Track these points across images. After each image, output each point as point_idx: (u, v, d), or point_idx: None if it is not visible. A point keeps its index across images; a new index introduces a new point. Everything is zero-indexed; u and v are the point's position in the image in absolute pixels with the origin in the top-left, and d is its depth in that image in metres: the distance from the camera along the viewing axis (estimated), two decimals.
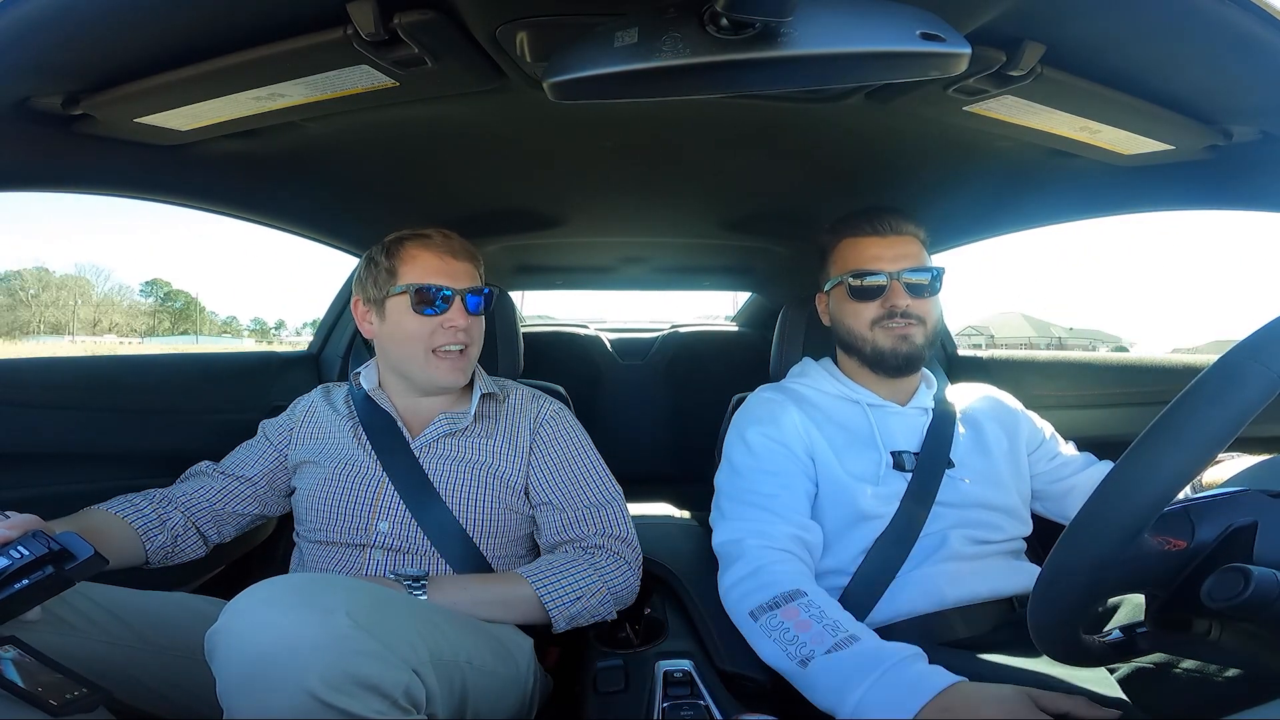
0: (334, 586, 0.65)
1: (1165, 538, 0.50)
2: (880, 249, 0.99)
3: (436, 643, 0.70)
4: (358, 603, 0.62)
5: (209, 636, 0.61)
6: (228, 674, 0.59)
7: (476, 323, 1.03)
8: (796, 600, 0.80)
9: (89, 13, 0.61)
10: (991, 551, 0.93)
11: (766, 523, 0.90)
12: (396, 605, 0.69)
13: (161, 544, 0.94)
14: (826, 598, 0.81)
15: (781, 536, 0.89)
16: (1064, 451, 1.06)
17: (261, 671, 0.57)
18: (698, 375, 2.30)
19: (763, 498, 0.93)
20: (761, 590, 0.83)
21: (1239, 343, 0.46)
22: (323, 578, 0.69)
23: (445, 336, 0.99)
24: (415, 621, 0.69)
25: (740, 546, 0.89)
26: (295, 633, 0.58)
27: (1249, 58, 0.66)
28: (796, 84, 0.56)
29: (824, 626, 0.76)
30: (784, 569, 0.85)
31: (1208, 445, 0.45)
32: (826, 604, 0.80)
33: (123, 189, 1.04)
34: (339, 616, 0.60)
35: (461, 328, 1.00)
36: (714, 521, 0.98)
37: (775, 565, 0.85)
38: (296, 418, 1.11)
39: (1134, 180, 1.02)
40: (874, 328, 0.99)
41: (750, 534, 0.90)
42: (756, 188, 1.29)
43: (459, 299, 1.00)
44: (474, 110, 0.87)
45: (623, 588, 0.97)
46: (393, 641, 0.63)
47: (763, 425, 0.99)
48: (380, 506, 0.98)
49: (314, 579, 0.67)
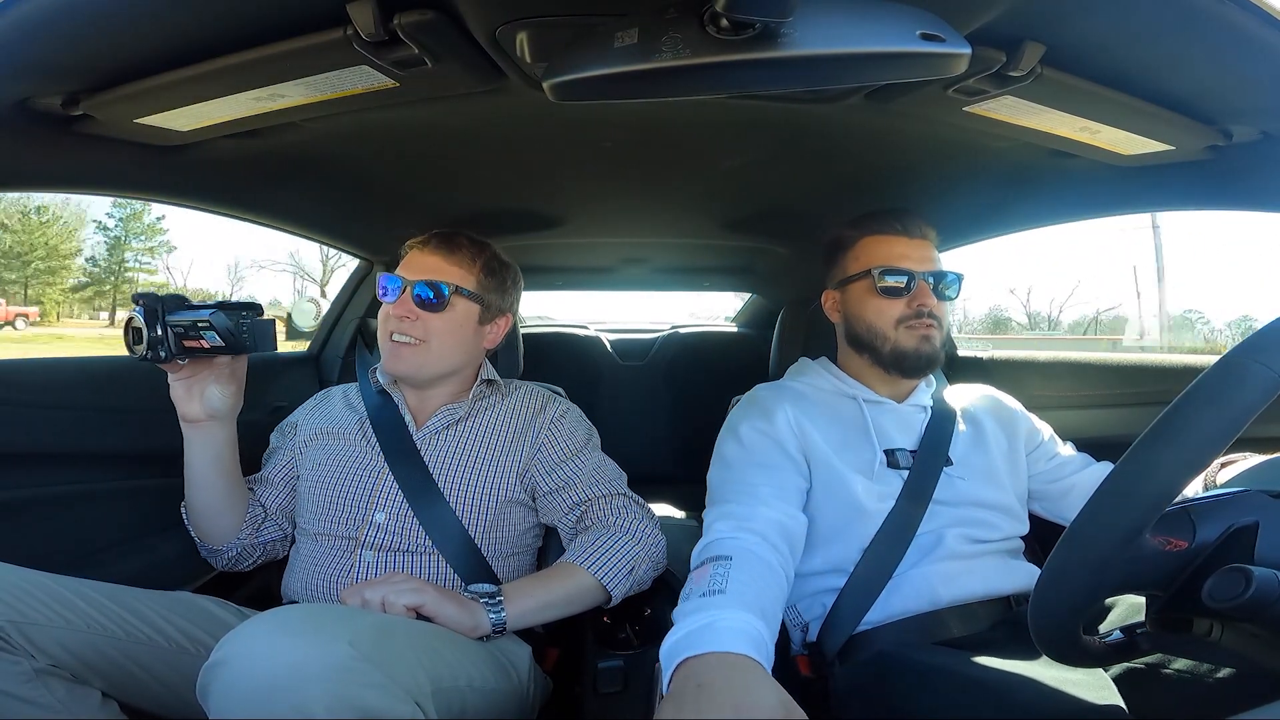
0: (335, 616, 0.65)
1: (1166, 538, 0.50)
2: (908, 249, 1.00)
3: (439, 671, 0.70)
4: (360, 632, 0.62)
5: (205, 670, 0.59)
6: (227, 706, 0.57)
7: (434, 321, 1.02)
8: (718, 562, 0.76)
9: (89, 13, 0.61)
10: (988, 550, 0.93)
11: (748, 508, 0.87)
12: (399, 634, 0.69)
13: (246, 545, 1.04)
14: (748, 564, 0.76)
15: (760, 520, 0.85)
16: (1063, 452, 1.06)
17: (263, 702, 0.56)
18: (698, 376, 2.30)
19: (749, 487, 0.91)
20: (697, 557, 0.81)
21: (1240, 342, 0.46)
22: (324, 608, 0.69)
23: (395, 324, 1.02)
24: (418, 651, 0.68)
25: (711, 530, 0.86)
26: (297, 661, 0.57)
27: (1249, 58, 0.66)
28: (796, 84, 0.56)
29: (709, 578, 0.72)
30: (731, 541, 0.81)
31: (1209, 445, 0.45)
32: (738, 567, 0.74)
33: (123, 189, 1.04)
34: (341, 645, 0.59)
35: (401, 317, 1.01)
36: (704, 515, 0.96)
37: (725, 538, 0.82)
38: (301, 415, 1.13)
39: (1134, 180, 1.02)
40: (899, 326, 0.98)
41: (724, 517, 0.86)
42: (756, 188, 1.29)
43: (407, 290, 1.01)
44: (474, 111, 0.87)
45: (658, 550, 1.01)
46: (396, 672, 0.62)
47: (755, 420, 0.98)
48: (378, 497, 0.98)
49: (315, 609, 0.67)
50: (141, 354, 0.88)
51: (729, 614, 0.66)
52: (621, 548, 0.95)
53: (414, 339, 1.01)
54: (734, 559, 0.76)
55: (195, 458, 0.98)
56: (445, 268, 1.04)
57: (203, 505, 1.00)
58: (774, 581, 0.77)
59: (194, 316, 0.87)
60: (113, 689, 0.77)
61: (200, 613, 0.86)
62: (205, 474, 0.98)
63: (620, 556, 0.95)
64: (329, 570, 0.96)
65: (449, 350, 1.04)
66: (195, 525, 1.03)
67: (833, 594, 0.90)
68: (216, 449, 0.97)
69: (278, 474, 1.08)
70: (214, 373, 0.95)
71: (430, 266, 1.04)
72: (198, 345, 0.88)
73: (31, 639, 0.71)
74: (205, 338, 0.87)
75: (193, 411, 0.94)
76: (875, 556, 0.90)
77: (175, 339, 0.88)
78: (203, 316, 0.86)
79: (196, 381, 0.94)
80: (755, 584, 0.74)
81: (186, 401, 0.94)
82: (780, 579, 0.79)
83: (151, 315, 0.88)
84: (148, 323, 0.87)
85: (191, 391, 0.94)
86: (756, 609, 0.68)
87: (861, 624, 0.88)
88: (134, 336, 0.89)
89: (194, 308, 0.90)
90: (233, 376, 0.96)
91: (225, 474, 1.00)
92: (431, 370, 1.04)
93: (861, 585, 0.89)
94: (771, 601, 0.74)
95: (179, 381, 0.94)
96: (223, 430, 0.97)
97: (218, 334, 0.86)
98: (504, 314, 1.12)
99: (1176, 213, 1.23)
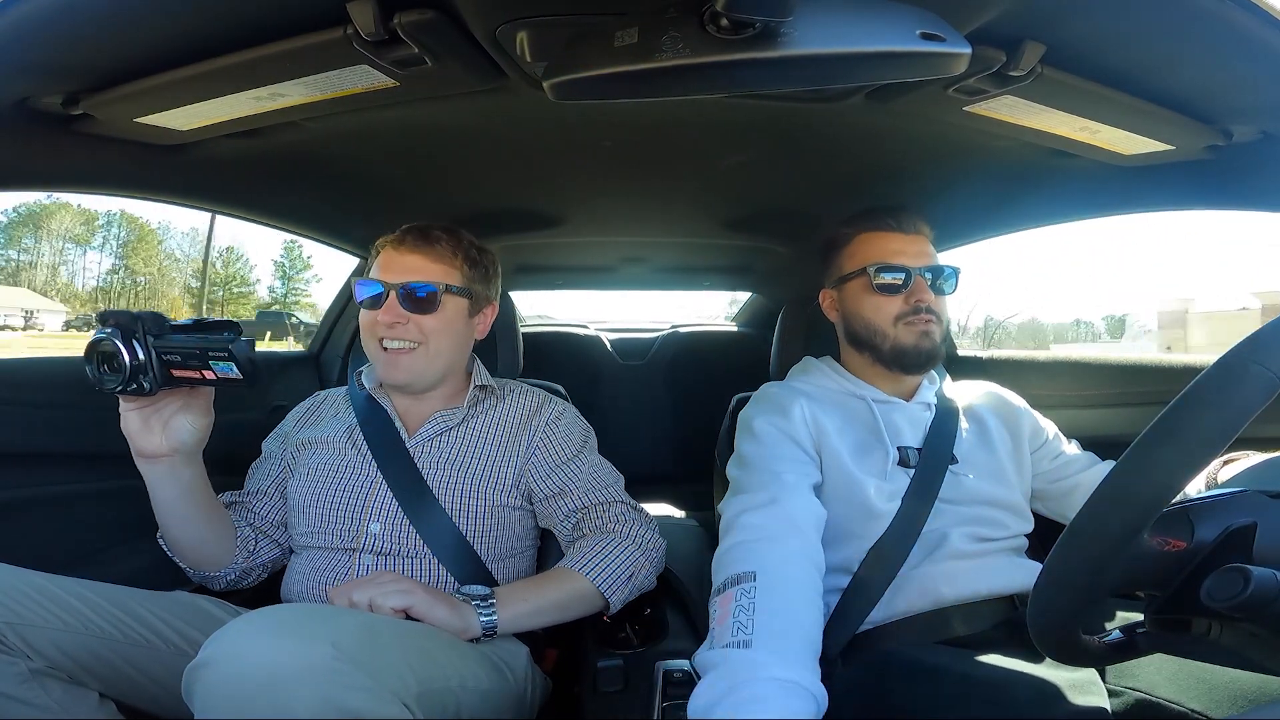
0: (319, 617, 0.65)
1: (1164, 538, 0.50)
2: (903, 244, 0.99)
3: (428, 672, 0.69)
4: (344, 633, 0.61)
5: (188, 672, 0.59)
6: (211, 706, 0.57)
7: (428, 321, 0.98)
8: (741, 584, 0.74)
9: (89, 13, 0.61)
10: (994, 549, 0.93)
11: (774, 493, 0.85)
12: (385, 635, 0.68)
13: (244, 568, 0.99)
14: (775, 586, 0.73)
15: (787, 504, 0.83)
16: (1067, 451, 1.06)
17: (246, 703, 0.56)
18: (698, 375, 2.30)
19: (774, 474, 0.89)
20: (722, 569, 0.78)
21: (1239, 343, 0.46)
22: (309, 608, 0.68)
23: (383, 331, 0.97)
24: (405, 651, 0.68)
25: (733, 523, 0.84)
26: (278, 661, 0.57)
27: (1249, 58, 0.66)
28: (797, 84, 0.56)
29: (736, 622, 0.70)
30: (755, 549, 0.78)
31: (1207, 446, 0.45)
32: (764, 594, 0.72)
33: (123, 189, 1.04)
34: (323, 646, 0.58)
35: (388, 323, 0.96)
36: (721, 505, 0.93)
37: (749, 543, 0.79)
38: (290, 425, 1.10)
39: (1134, 180, 1.02)
40: (897, 323, 0.98)
41: (750, 509, 0.84)
42: (756, 188, 1.29)
43: (393, 294, 0.96)
44: (474, 110, 0.87)
45: (658, 555, 1.00)
46: (381, 673, 0.62)
47: (770, 415, 0.97)
48: (373, 507, 0.96)
49: (300, 609, 0.66)
50: (115, 385, 0.74)
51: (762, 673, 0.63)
52: (621, 554, 0.94)
53: (409, 343, 0.98)
54: (759, 578, 0.72)
55: (161, 494, 0.86)
56: (428, 266, 0.99)
57: (183, 539, 0.92)
58: (805, 592, 0.74)
59: (198, 341, 0.73)
60: (110, 690, 0.76)
61: (198, 613, 0.86)
62: (176, 509, 0.88)
63: (619, 563, 0.94)
64: (328, 575, 0.95)
65: (446, 349, 1.02)
66: (179, 556, 0.95)
67: (836, 593, 0.90)
68: (185, 483, 0.86)
69: (270, 484, 1.05)
70: (187, 401, 0.82)
71: (411, 266, 0.99)
72: (193, 375, 0.74)
73: (28, 640, 0.71)
74: (215, 368, 0.72)
75: (152, 446, 0.81)
76: (880, 556, 0.89)
77: (162, 366, 0.74)
78: (216, 341, 0.72)
79: (157, 411, 0.81)
80: (783, 614, 0.70)
81: (144, 435, 0.81)
82: (813, 584, 0.77)
83: (128, 338, 0.73)
84: (125, 347, 0.73)
85: (150, 424, 0.81)
86: (786, 651, 0.66)
87: (864, 623, 0.88)
88: (104, 364, 0.74)
89: (183, 329, 0.76)
90: (207, 407, 0.84)
91: (199, 505, 0.89)
92: (432, 374, 1.02)
93: (866, 585, 0.89)
94: (808, 622, 0.71)
95: (135, 412, 0.80)
96: (188, 465, 0.85)
97: (236, 364, 0.71)
98: (490, 303, 1.09)
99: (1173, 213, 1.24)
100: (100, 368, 0.75)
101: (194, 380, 0.75)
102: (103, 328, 0.75)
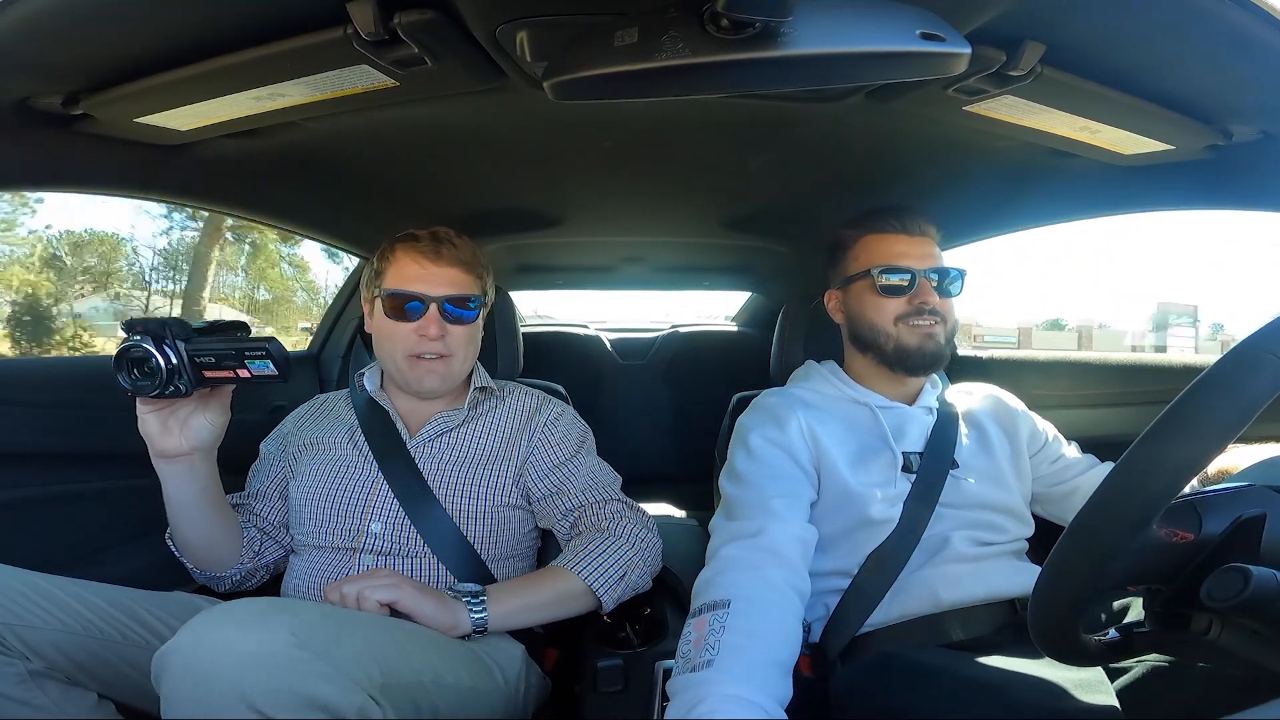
0: (280, 607, 0.65)
1: (1173, 530, 0.50)
2: (907, 246, 0.99)
3: (393, 664, 0.69)
4: (302, 622, 0.62)
5: (158, 658, 0.60)
6: (175, 693, 0.59)
7: (459, 331, 1.00)
8: (716, 610, 0.74)
9: (89, 13, 0.61)
10: (994, 553, 0.93)
11: (760, 524, 0.85)
12: (348, 625, 0.69)
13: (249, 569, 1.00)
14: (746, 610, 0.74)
15: (772, 536, 0.83)
16: (1067, 454, 1.06)
17: (206, 691, 0.57)
18: (698, 375, 2.30)
19: (763, 500, 0.89)
20: (699, 596, 0.79)
21: (1252, 333, 0.46)
22: (274, 600, 0.69)
23: (420, 344, 0.97)
24: (370, 643, 0.68)
25: (717, 552, 0.84)
26: (239, 651, 0.58)
27: (1249, 58, 0.66)
28: (796, 84, 0.56)
29: (705, 644, 0.71)
30: (735, 578, 0.78)
31: (1218, 436, 0.45)
32: (735, 617, 0.73)
33: (123, 189, 1.04)
34: (281, 633, 0.59)
35: (433, 337, 0.97)
36: (712, 526, 0.93)
37: (730, 573, 0.79)
38: (290, 426, 1.10)
39: (1134, 180, 1.02)
40: (899, 324, 0.98)
41: (734, 539, 0.84)
42: (756, 187, 1.29)
43: (434, 306, 0.97)
44: (474, 110, 0.87)
45: (653, 555, 0.99)
46: (342, 662, 0.62)
47: (767, 429, 0.97)
48: (373, 507, 0.97)
49: (265, 601, 0.67)
50: (153, 389, 0.77)
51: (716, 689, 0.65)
52: (613, 553, 0.94)
53: (440, 354, 0.99)
54: (733, 604, 0.73)
55: (178, 494, 0.88)
56: (464, 278, 1.00)
57: (196, 539, 0.93)
58: (778, 614, 0.75)
59: (234, 344, 0.77)
60: (108, 691, 0.77)
61: (196, 614, 0.86)
62: (191, 509, 0.89)
63: (611, 561, 0.93)
64: (329, 575, 0.96)
65: (471, 356, 1.04)
66: (189, 557, 0.96)
67: (836, 595, 0.90)
68: (202, 482, 0.88)
69: (272, 486, 1.05)
70: (206, 400, 0.84)
71: (452, 279, 0.99)
72: (227, 375, 0.78)
73: (26, 641, 0.71)
74: (251, 366, 0.76)
75: (172, 446, 0.83)
76: (881, 560, 0.89)
77: (194, 368, 0.78)
78: (253, 343, 0.76)
79: (174, 412, 0.83)
80: (750, 634, 0.71)
81: (163, 436, 0.83)
82: (789, 606, 0.77)
83: (159, 344, 0.77)
84: (158, 352, 0.76)
85: (169, 424, 0.83)
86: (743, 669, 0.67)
87: (864, 626, 0.88)
88: (135, 370, 0.77)
89: (207, 332, 0.80)
90: (224, 405, 0.87)
91: (214, 504, 0.92)
92: (458, 379, 1.04)
93: (865, 588, 0.89)
94: (775, 640, 0.72)
95: (153, 414, 0.82)
96: (205, 463, 0.87)
97: (273, 362, 0.75)
98: (489, 304, 1.11)
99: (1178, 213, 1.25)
100: (132, 373, 0.78)
101: (227, 380, 0.79)
102: (131, 335, 0.77)
